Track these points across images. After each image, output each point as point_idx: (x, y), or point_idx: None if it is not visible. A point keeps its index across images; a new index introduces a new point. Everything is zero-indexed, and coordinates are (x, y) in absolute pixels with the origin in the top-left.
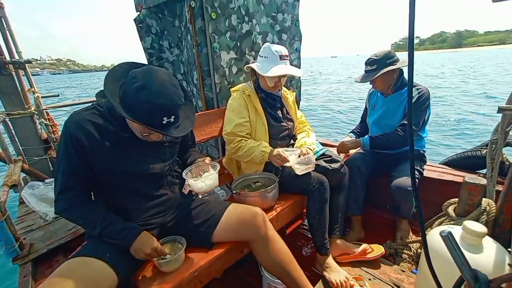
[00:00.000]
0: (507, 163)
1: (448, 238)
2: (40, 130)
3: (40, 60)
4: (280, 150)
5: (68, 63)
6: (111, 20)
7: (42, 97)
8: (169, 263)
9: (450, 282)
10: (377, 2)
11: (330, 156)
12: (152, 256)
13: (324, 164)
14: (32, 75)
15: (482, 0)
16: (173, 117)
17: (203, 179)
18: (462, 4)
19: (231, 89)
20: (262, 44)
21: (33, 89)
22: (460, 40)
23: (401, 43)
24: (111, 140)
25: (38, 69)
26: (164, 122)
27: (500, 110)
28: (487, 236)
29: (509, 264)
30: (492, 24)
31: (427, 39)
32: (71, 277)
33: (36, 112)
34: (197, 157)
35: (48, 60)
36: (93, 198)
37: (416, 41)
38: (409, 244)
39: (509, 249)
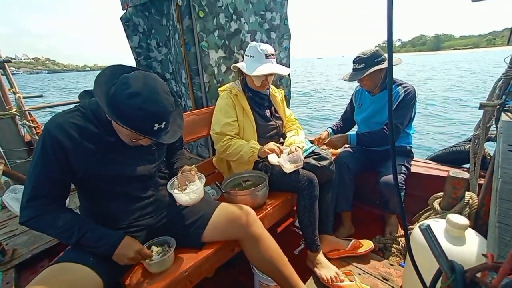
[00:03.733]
0: (489, 157)
1: (426, 231)
2: (22, 132)
3: (15, 59)
4: (273, 143)
5: (47, 62)
6: (95, 19)
7: (24, 97)
8: (158, 264)
9: None
10: (364, 7)
11: (319, 154)
12: (136, 260)
13: (313, 161)
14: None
15: (459, 4)
16: (164, 123)
17: (187, 192)
18: (440, 8)
19: (218, 89)
20: None
21: (14, 89)
22: (438, 43)
23: (384, 45)
24: (96, 143)
25: (13, 68)
26: (155, 128)
27: (481, 106)
28: (470, 228)
29: (483, 254)
30: (466, 28)
31: (408, 42)
32: (53, 284)
33: (17, 113)
34: (184, 162)
35: (24, 59)
36: (70, 206)
37: (398, 43)
38: (397, 239)
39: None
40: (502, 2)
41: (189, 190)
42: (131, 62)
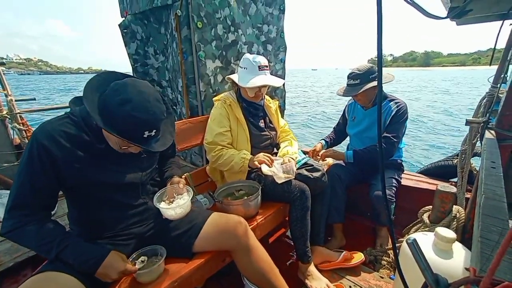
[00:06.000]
0: (475, 172)
1: (412, 245)
2: (12, 135)
3: (6, 59)
4: (263, 154)
5: (40, 63)
6: (90, 22)
7: (16, 100)
8: (148, 273)
9: None
10: (353, 22)
11: (312, 165)
12: (124, 276)
13: (305, 172)
14: None
15: (447, 24)
16: (154, 131)
17: (173, 207)
18: (429, 26)
19: (213, 99)
20: None
21: (5, 91)
22: (428, 59)
23: (376, 59)
24: (86, 151)
25: (4, 68)
26: (145, 136)
27: (467, 123)
28: (457, 242)
29: (466, 269)
30: (454, 47)
31: (400, 57)
32: None
33: (8, 116)
34: (174, 172)
35: (16, 59)
36: (51, 217)
37: (390, 58)
38: (388, 251)
39: None
40: (485, 26)
41: (175, 205)
42: (127, 66)
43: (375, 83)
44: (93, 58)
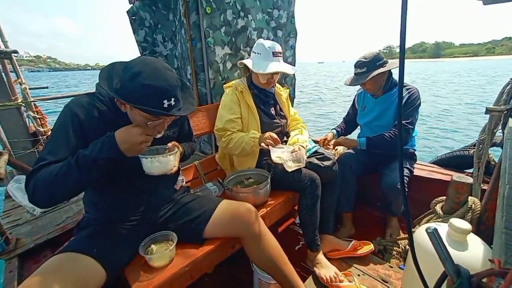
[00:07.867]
0: (493, 163)
1: (433, 235)
2: (27, 123)
3: (17, 56)
4: (270, 133)
5: (48, 60)
6: (96, 19)
7: (30, 88)
8: (160, 258)
9: (436, 277)
10: (365, 13)
11: (323, 154)
12: (149, 139)
13: (316, 161)
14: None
15: (460, 12)
16: (173, 99)
17: (152, 160)
18: (441, 15)
19: (224, 85)
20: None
21: (20, 80)
22: (438, 50)
23: (385, 51)
24: (110, 127)
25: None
26: (165, 105)
27: (487, 111)
28: (472, 233)
29: (490, 260)
30: (466, 37)
31: (409, 49)
32: (58, 273)
33: (23, 104)
34: (183, 145)
35: (26, 57)
36: None
37: (398, 50)
38: (398, 241)
39: (491, 246)
40: (500, 14)
41: (155, 158)
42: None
43: (382, 70)
44: (100, 54)
